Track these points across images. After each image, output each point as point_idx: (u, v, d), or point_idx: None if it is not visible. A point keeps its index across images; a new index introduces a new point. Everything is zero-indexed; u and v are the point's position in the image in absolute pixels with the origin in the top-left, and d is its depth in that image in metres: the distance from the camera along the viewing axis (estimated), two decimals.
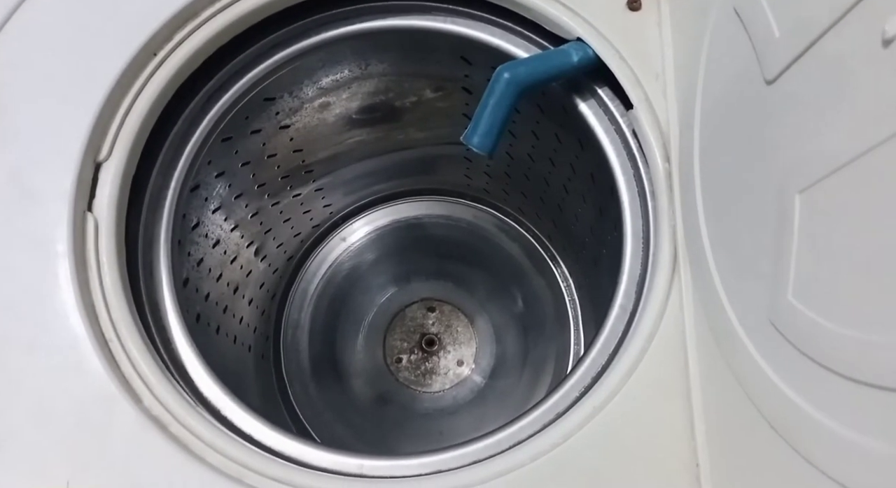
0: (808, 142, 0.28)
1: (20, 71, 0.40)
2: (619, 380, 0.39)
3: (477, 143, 0.45)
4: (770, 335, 0.31)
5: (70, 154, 0.39)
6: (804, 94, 0.29)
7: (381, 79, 0.61)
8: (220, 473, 0.37)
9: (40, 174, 0.39)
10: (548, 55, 0.46)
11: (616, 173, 0.46)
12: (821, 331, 0.27)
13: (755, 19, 0.33)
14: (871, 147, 0.24)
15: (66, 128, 0.40)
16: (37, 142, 0.39)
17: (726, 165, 0.37)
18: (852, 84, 0.26)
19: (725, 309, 0.36)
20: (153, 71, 0.43)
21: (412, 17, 0.51)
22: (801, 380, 0.28)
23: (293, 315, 0.83)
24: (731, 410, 0.36)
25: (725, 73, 0.37)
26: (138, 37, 0.42)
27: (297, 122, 0.62)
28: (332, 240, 0.86)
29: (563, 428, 0.39)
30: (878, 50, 0.24)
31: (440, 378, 0.85)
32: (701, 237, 0.38)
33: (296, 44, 0.50)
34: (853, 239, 0.25)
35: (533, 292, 0.84)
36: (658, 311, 0.40)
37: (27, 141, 0.39)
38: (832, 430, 0.26)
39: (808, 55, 0.28)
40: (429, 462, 0.41)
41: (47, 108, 0.40)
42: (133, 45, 0.42)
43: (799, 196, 0.29)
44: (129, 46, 0.42)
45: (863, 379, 0.24)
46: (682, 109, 0.43)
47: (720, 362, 0.36)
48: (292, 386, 0.80)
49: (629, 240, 0.45)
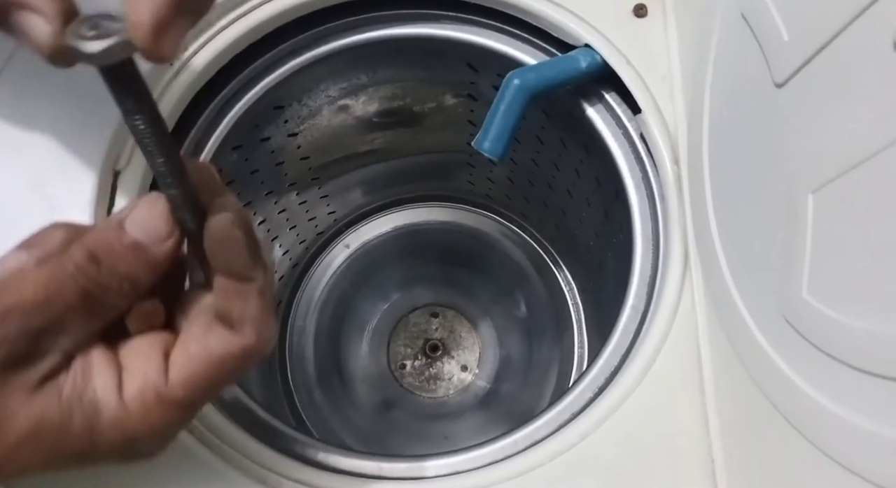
0: (820, 143, 0.29)
1: (42, 81, 0.40)
2: (633, 380, 0.40)
3: (488, 148, 0.46)
4: (784, 331, 0.31)
5: (90, 163, 0.40)
6: (815, 97, 0.30)
7: (388, 87, 0.62)
8: (244, 474, 0.37)
9: (61, 182, 0.39)
10: (556, 61, 0.47)
11: (624, 176, 0.47)
12: (836, 325, 0.28)
13: (763, 24, 0.33)
14: (884, 146, 0.25)
15: (87, 137, 0.40)
16: (58, 152, 0.40)
17: (736, 167, 0.38)
18: (863, 86, 0.26)
19: (738, 307, 0.36)
20: (170, 81, 0.44)
21: (421, 25, 0.52)
22: (818, 374, 0.29)
23: (298, 321, 0.84)
24: (745, 405, 0.36)
25: (734, 77, 0.38)
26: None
27: (305, 129, 0.63)
28: (336, 246, 0.86)
29: (579, 427, 0.40)
30: (890, 52, 0.24)
31: (444, 383, 0.85)
32: (712, 237, 0.39)
33: (307, 52, 0.51)
34: (869, 235, 0.26)
35: (536, 297, 0.85)
36: (671, 311, 0.41)
37: (49, 150, 0.40)
38: (850, 422, 0.27)
39: (818, 58, 0.29)
40: (446, 463, 0.41)
41: (68, 118, 0.40)
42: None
43: (812, 195, 0.29)
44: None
45: (880, 372, 0.25)
46: (690, 113, 0.44)
47: (734, 359, 0.37)
48: (298, 393, 0.80)
49: (639, 242, 0.45)
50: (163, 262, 0.26)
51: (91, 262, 0.25)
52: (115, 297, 0.26)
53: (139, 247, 0.26)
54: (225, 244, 0.26)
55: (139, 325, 0.28)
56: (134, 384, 0.26)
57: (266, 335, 0.27)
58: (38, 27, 0.22)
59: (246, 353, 0.27)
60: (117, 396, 0.26)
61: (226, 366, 0.27)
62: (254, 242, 0.26)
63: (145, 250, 0.26)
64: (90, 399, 0.25)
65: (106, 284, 0.25)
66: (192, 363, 0.26)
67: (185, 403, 0.26)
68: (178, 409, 0.26)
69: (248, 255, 0.26)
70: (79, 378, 0.25)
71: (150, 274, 0.26)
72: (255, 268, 0.26)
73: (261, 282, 0.27)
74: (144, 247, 0.26)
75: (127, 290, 0.26)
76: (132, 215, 0.26)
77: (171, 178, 0.25)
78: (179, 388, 0.26)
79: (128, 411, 0.26)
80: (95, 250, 0.25)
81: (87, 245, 0.25)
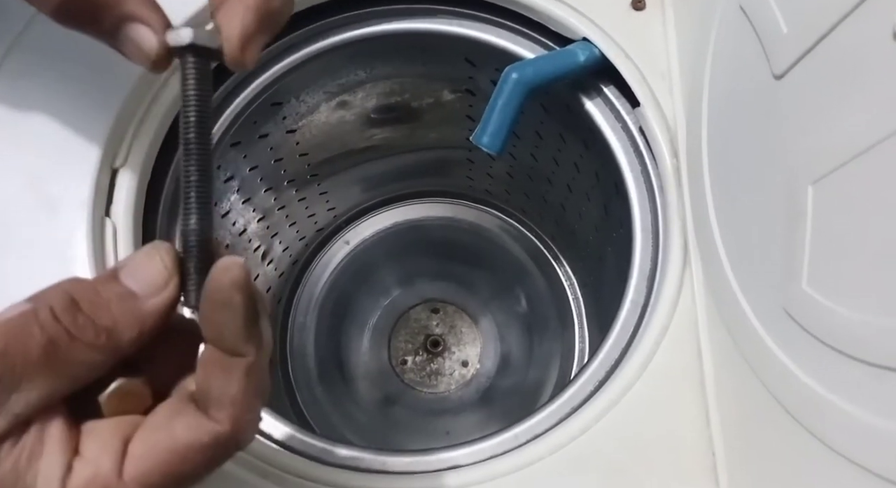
0: (820, 135, 0.29)
1: (39, 78, 0.40)
2: (633, 373, 0.40)
3: (487, 143, 0.46)
4: (784, 323, 0.31)
5: (88, 161, 0.40)
6: (814, 88, 0.30)
7: (385, 83, 0.62)
8: (245, 469, 0.37)
9: (59, 181, 0.39)
10: (554, 55, 0.47)
11: (624, 170, 0.47)
12: (837, 317, 0.28)
13: (762, 16, 0.33)
14: (883, 138, 0.25)
15: (84, 135, 0.40)
16: (55, 150, 0.40)
17: (735, 159, 0.38)
18: (863, 77, 0.26)
19: (738, 299, 0.36)
20: (167, 78, 0.44)
21: (417, 20, 0.52)
22: (818, 366, 0.29)
23: (299, 318, 0.84)
24: (745, 398, 0.36)
25: (732, 69, 0.38)
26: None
27: (303, 126, 0.63)
28: (336, 243, 0.86)
29: (580, 421, 0.40)
30: (889, 43, 0.24)
31: (445, 379, 0.85)
32: (711, 230, 0.39)
33: (304, 48, 0.51)
34: (869, 226, 0.26)
35: (536, 292, 0.85)
36: (670, 304, 0.41)
37: (46, 148, 0.40)
38: (852, 414, 0.27)
39: (817, 50, 0.29)
40: (447, 457, 0.41)
41: (65, 116, 0.40)
42: None
43: (812, 187, 0.29)
44: None
45: (880, 363, 0.25)
46: (688, 106, 0.44)
47: (734, 352, 0.37)
48: (299, 389, 0.81)
49: (639, 235, 0.45)
50: (153, 318, 0.23)
51: (68, 310, 0.22)
52: (85, 352, 0.22)
53: (128, 297, 0.23)
54: (220, 307, 0.23)
55: (114, 406, 0.24)
56: (83, 474, 0.22)
57: (245, 424, 0.23)
58: (148, 38, 0.26)
59: (217, 443, 0.23)
60: (60, 486, 0.21)
61: (192, 459, 0.23)
62: (253, 312, 0.23)
63: (134, 300, 0.23)
64: (26, 486, 0.21)
65: (79, 335, 0.22)
66: (151, 453, 0.22)
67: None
68: None
69: (242, 325, 0.23)
70: (24, 455, 0.21)
71: (134, 329, 0.23)
72: (248, 343, 0.23)
73: (251, 359, 0.23)
74: (134, 297, 0.23)
75: (103, 344, 0.22)
76: (129, 263, 0.24)
77: (194, 193, 0.24)
78: (132, 485, 0.22)
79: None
80: (78, 296, 0.22)
81: (70, 290, 0.23)
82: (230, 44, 0.25)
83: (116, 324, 0.23)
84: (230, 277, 0.23)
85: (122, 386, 0.24)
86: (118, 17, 0.26)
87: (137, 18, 0.26)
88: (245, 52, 0.25)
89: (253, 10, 0.25)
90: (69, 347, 0.22)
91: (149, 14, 0.26)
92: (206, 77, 0.25)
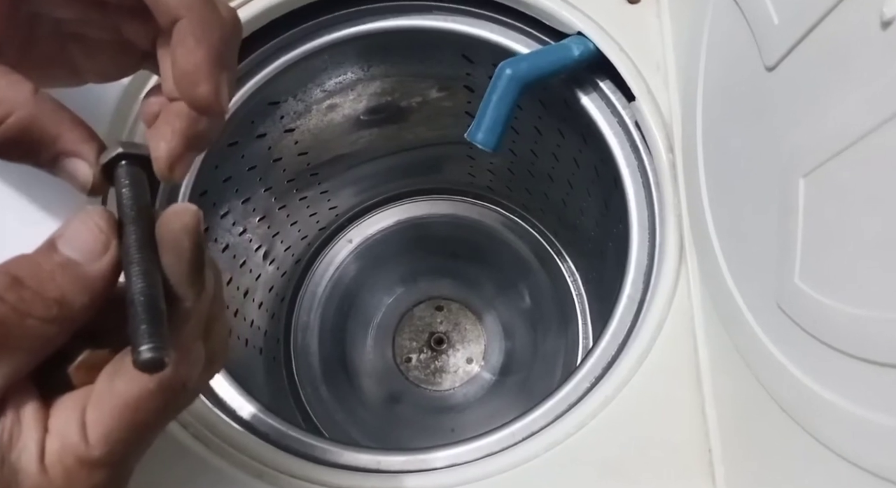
0: (811, 127, 0.29)
1: None
2: (629, 369, 0.40)
3: (481, 140, 0.46)
4: (778, 318, 0.31)
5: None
6: (805, 79, 0.29)
7: (384, 80, 0.62)
8: (240, 469, 0.37)
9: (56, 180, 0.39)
10: (549, 50, 0.47)
11: (620, 165, 0.47)
12: (828, 311, 0.27)
13: (754, 7, 0.33)
14: (872, 128, 0.24)
15: None
16: None
17: (729, 153, 0.37)
18: (853, 67, 0.26)
19: (733, 294, 0.36)
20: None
21: (413, 16, 0.52)
22: (810, 361, 0.29)
23: (302, 317, 0.84)
24: (741, 394, 0.36)
25: (726, 62, 0.37)
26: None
27: (302, 125, 0.62)
28: (339, 241, 0.87)
29: (576, 417, 0.40)
30: (878, 32, 0.24)
31: (450, 376, 0.85)
32: (706, 225, 0.39)
33: (300, 46, 0.51)
34: (859, 219, 0.25)
35: (540, 288, 0.85)
36: (666, 300, 0.41)
37: None
38: (843, 410, 0.27)
39: (807, 40, 0.29)
40: (443, 456, 0.41)
41: None
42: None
43: (803, 180, 0.29)
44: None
45: (871, 358, 0.25)
46: (683, 99, 0.43)
47: (729, 347, 0.37)
48: (303, 388, 0.81)
49: (635, 231, 0.45)
50: (100, 282, 0.24)
51: (11, 288, 0.22)
52: (38, 326, 0.22)
53: (71, 264, 0.23)
54: (167, 250, 0.24)
55: (83, 378, 0.24)
56: (53, 448, 0.23)
57: (187, 366, 0.24)
58: (83, 171, 0.27)
59: (164, 387, 0.23)
60: (38, 463, 0.22)
61: (146, 407, 0.23)
62: (199, 258, 0.24)
63: (77, 268, 0.23)
64: (12, 465, 0.22)
65: (29, 311, 0.22)
66: (106, 415, 0.23)
67: (110, 461, 0.23)
68: (105, 469, 0.23)
69: (187, 270, 0.24)
70: (4, 436, 0.22)
71: (84, 296, 0.23)
72: (191, 287, 0.24)
73: (189, 304, 0.24)
74: (77, 265, 0.23)
75: (55, 316, 0.23)
76: (65, 232, 0.24)
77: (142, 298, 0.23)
78: (99, 447, 0.23)
79: (49, 480, 0.22)
80: (20, 273, 0.22)
81: (10, 268, 0.23)
82: (158, 163, 0.27)
83: (65, 294, 0.23)
84: (182, 222, 0.24)
85: (87, 359, 0.24)
86: (54, 153, 0.26)
87: (72, 154, 0.26)
88: (172, 171, 0.27)
89: (179, 134, 0.27)
90: (21, 325, 0.22)
91: (82, 147, 0.26)
92: (139, 181, 0.26)
